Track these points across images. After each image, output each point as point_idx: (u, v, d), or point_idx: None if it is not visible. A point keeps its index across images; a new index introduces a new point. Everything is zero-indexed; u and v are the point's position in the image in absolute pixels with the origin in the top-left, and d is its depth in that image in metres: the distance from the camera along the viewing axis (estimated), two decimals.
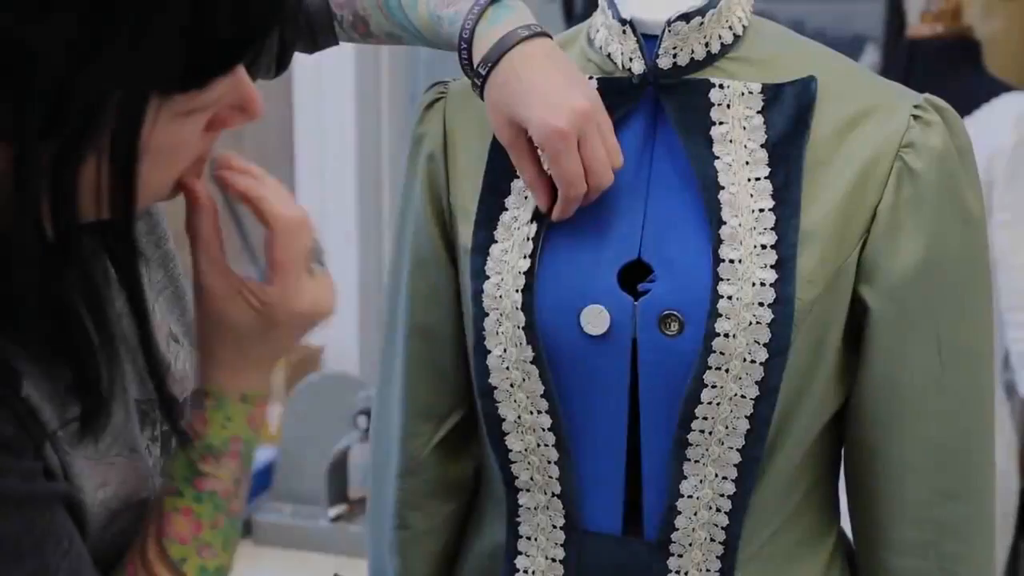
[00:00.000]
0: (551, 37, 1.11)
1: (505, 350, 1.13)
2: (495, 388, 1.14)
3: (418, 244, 1.22)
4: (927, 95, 1.13)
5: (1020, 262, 2.40)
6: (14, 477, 0.81)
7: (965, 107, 2.44)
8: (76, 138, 0.77)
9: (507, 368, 1.13)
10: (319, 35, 1.24)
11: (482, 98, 1.11)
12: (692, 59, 1.11)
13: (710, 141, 1.10)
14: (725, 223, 1.08)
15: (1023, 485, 2.74)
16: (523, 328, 1.11)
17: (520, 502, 1.18)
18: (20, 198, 0.78)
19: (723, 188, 1.09)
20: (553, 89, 1.06)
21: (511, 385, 1.13)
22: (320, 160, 2.86)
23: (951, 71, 2.56)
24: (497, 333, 1.13)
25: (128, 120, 0.78)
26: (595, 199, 1.10)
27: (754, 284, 1.07)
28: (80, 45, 0.75)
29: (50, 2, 0.74)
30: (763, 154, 1.10)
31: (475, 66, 1.10)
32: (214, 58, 0.81)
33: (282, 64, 1.24)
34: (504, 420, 1.15)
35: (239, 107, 0.87)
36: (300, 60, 1.30)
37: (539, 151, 1.09)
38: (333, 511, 2.56)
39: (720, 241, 1.08)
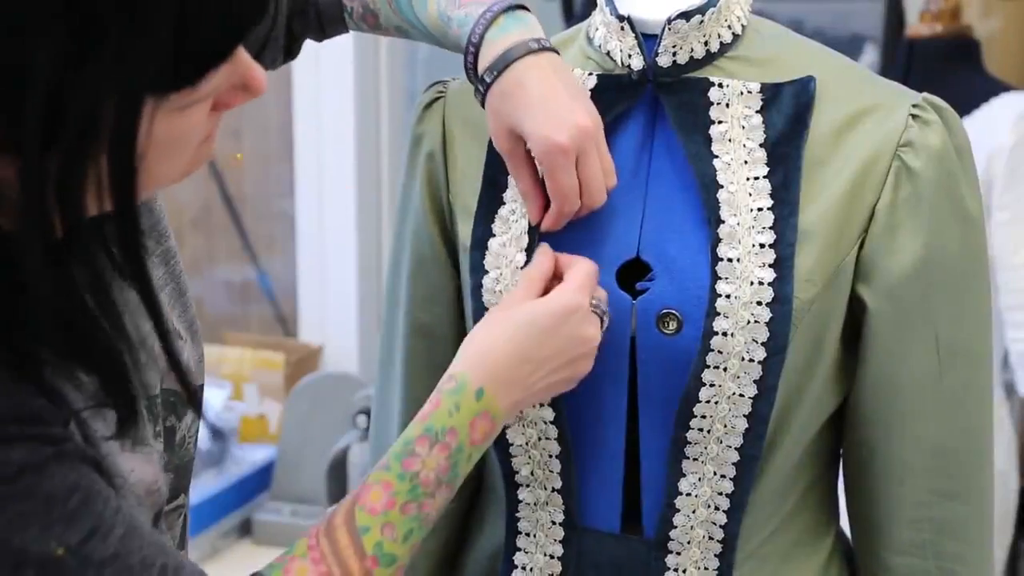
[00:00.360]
0: (559, 53, 1.10)
1: None
2: None
3: (418, 243, 1.22)
4: (926, 94, 1.13)
5: (1019, 261, 2.40)
6: (48, 442, 0.81)
7: (964, 107, 2.43)
8: (76, 146, 0.78)
9: None
10: (328, 26, 1.24)
11: (483, 105, 1.10)
12: (691, 58, 1.11)
13: (709, 140, 1.11)
14: (723, 222, 1.08)
15: (1023, 485, 2.74)
16: None
17: (520, 497, 1.18)
18: (27, 206, 0.78)
19: (722, 187, 1.09)
20: (557, 103, 1.06)
21: None
22: (319, 159, 2.86)
23: (950, 71, 2.56)
24: None
25: (123, 124, 0.79)
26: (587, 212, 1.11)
27: (752, 283, 1.07)
28: (69, 57, 0.75)
29: (38, 16, 0.74)
30: (762, 153, 1.10)
31: (480, 73, 1.09)
32: (203, 56, 0.81)
33: (291, 53, 1.24)
34: None
35: (241, 86, 0.88)
36: (300, 60, 1.30)
37: (537, 163, 1.09)
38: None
39: (718, 240, 1.08)
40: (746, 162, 1.10)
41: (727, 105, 1.11)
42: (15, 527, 0.79)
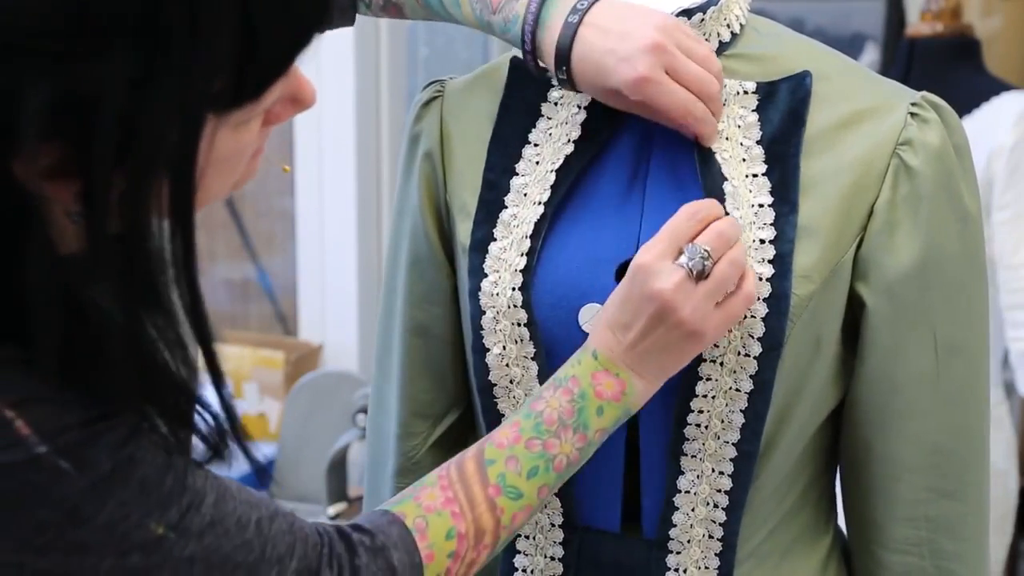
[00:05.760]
0: None
1: (504, 347, 1.13)
2: (494, 385, 1.14)
3: (415, 243, 1.22)
4: (925, 93, 1.13)
5: (1019, 261, 2.40)
6: (128, 432, 0.83)
7: (964, 106, 2.43)
8: (142, 166, 0.78)
9: (507, 365, 1.13)
10: (336, 18, 1.22)
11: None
12: None
13: None
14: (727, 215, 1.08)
15: (1023, 485, 2.74)
16: (524, 325, 1.11)
17: None
18: (91, 227, 0.78)
19: (726, 179, 1.09)
20: (615, 46, 1.06)
21: (510, 382, 1.13)
22: (319, 160, 2.86)
23: (951, 70, 2.56)
24: (495, 331, 1.13)
25: (187, 143, 0.79)
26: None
27: None
28: (136, 78, 0.75)
29: (107, 38, 0.74)
30: (759, 151, 1.10)
31: (551, 72, 1.10)
32: (267, 68, 0.81)
33: None
34: (503, 416, 1.15)
35: (292, 99, 0.88)
36: (300, 60, 1.29)
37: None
38: (332, 509, 2.56)
39: None
40: (744, 160, 1.10)
41: (724, 104, 1.11)
42: (116, 517, 0.82)
